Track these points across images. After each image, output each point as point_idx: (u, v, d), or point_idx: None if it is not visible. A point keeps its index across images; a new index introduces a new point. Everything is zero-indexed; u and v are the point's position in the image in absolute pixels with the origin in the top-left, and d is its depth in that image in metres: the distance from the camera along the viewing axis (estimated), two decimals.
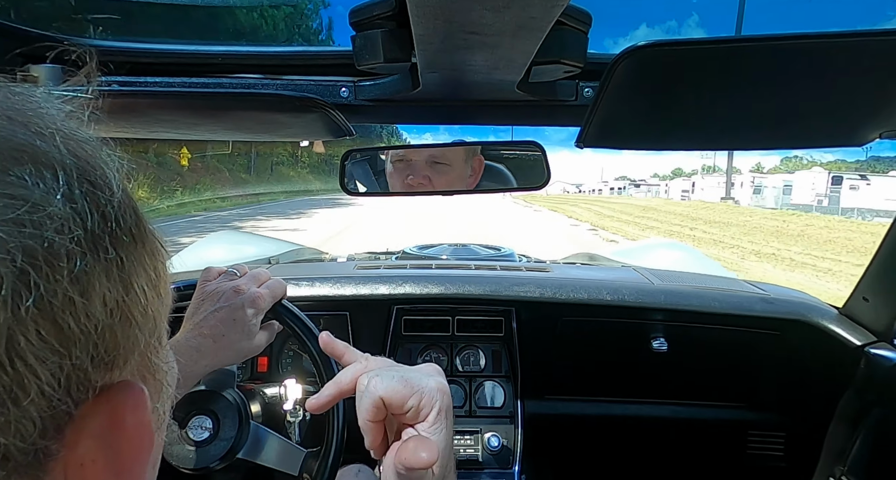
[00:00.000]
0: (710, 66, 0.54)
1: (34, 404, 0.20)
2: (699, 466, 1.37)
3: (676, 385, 1.26)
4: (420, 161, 1.05)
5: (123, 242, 0.23)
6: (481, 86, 0.70)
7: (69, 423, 0.21)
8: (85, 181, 0.22)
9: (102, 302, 0.22)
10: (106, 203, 0.23)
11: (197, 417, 0.79)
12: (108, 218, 0.23)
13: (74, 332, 0.20)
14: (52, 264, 0.20)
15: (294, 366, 1.23)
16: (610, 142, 0.75)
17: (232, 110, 0.76)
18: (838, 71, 0.54)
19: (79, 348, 0.21)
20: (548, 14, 0.45)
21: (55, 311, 0.20)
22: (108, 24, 2.33)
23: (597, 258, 1.99)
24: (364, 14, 0.57)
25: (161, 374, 0.28)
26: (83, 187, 0.22)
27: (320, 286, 1.22)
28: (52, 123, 0.23)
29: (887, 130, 0.67)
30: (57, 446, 0.21)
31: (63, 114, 0.25)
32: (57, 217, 0.20)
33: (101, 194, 0.23)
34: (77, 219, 0.21)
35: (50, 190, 0.21)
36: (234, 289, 0.73)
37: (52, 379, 0.20)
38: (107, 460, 0.23)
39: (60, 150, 0.22)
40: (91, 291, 0.21)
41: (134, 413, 0.24)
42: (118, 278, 0.23)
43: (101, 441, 0.22)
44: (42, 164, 0.21)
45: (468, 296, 1.23)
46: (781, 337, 1.19)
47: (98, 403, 0.22)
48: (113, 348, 0.22)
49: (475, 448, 1.19)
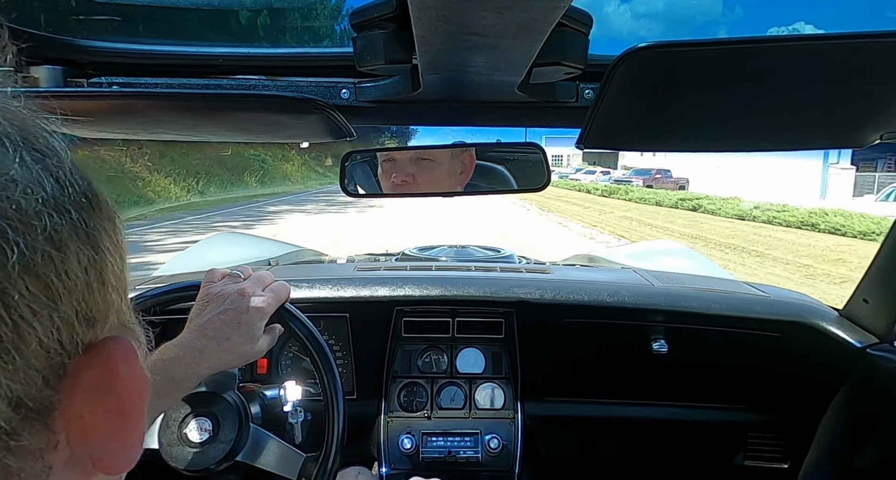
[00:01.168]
0: (710, 68, 0.54)
1: (35, 354, 0.21)
2: (699, 468, 1.36)
3: (677, 386, 1.26)
4: (404, 159, 1.05)
5: (82, 205, 0.24)
6: (482, 88, 0.70)
7: (65, 376, 0.23)
8: (32, 149, 0.23)
9: (77, 262, 0.22)
10: (57, 169, 0.23)
11: (197, 418, 0.79)
12: (63, 183, 0.23)
13: (58, 287, 0.21)
14: (26, 223, 0.20)
15: (294, 368, 1.23)
16: (610, 143, 0.75)
17: (232, 111, 0.76)
18: (839, 72, 0.53)
19: (64, 303, 0.22)
20: (549, 15, 0.45)
21: (37, 268, 0.21)
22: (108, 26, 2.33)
23: (597, 259, 1.99)
24: (365, 15, 0.57)
25: (135, 334, 0.29)
26: (32, 155, 0.22)
27: (320, 288, 1.22)
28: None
29: (888, 132, 0.67)
30: (58, 397, 0.22)
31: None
32: (19, 180, 0.21)
33: (49, 161, 0.23)
34: (36, 183, 0.22)
35: (4, 155, 0.21)
36: (238, 292, 0.73)
37: (46, 330, 0.21)
38: (105, 409, 0.24)
39: (1, 122, 0.22)
40: (65, 249, 0.22)
41: (126, 363, 0.25)
42: (87, 238, 0.23)
43: (97, 393, 0.24)
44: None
45: (468, 298, 1.23)
46: (782, 339, 1.19)
47: (89, 357, 0.23)
48: (93, 305, 0.24)
49: (475, 450, 1.19)
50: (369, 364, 1.23)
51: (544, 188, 1.01)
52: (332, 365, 0.79)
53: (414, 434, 1.19)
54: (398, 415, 1.22)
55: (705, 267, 2.06)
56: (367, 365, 1.23)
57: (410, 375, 1.25)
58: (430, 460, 1.18)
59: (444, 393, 1.24)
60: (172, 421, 0.78)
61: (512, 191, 1.09)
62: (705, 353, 1.23)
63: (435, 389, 1.24)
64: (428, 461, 1.18)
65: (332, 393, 0.78)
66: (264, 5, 2.20)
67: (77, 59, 0.72)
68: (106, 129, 0.82)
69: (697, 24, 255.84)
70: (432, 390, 1.24)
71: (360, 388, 1.23)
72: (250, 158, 25.38)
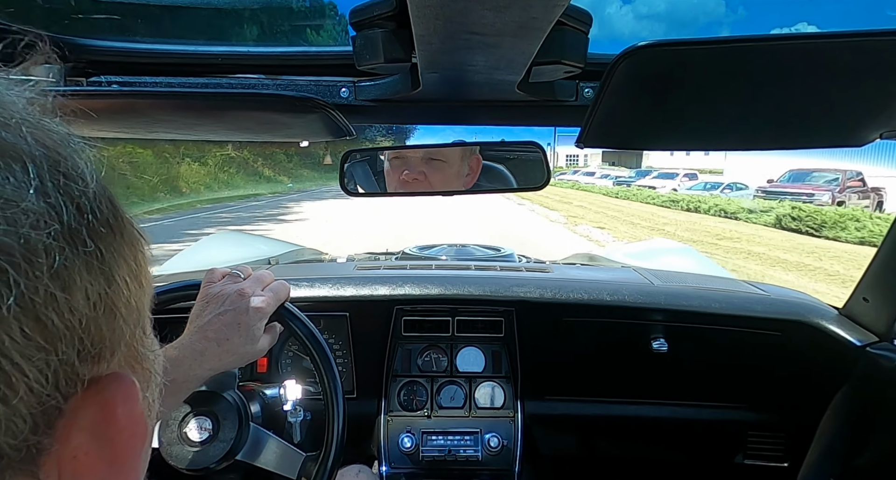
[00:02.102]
0: (710, 66, 0.54)
1: (23, 402, 0.20)
2: (699, 466, 1.36)
3: (677, 385, 1.26)
4: (416, 157, 1.05)
5: (101, 234, 0.23)
6: (482, 87, 0.70)
7: (60, 417, 0.21)
8: (56, 172, 0.22)
9: (85, 296, 0.21)
10: (80, 194, 0.22)
11: (197, 418, 0.79)
12: (84, 210, 0.22)
13: (59, 328, 0.20)
14: (30, 261, 0.19)
15: (294, 367, 1.23)
16: (610, 142, 0.75)
17: (232, 110, 0.76)
18: (839, 71, 0.53)
19: (64, 343, 0.21)
20: (548, 14, 0.45)
21: (37, 308, 0.20)
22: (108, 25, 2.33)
23: (597, 258, 1.99)
24: (364, 14, 0.57)
25: (148, 363, 0.28)
26: (55, 179, 0.21)
27: (320, 287, 1.22)
28: (15, 112, 0.22)
29: (888, 131, 0.67)
30: (49, 440, 0.21)
31: (24, 101, 0.24)
32: (31, 212, 0.20)
33: (74, 186, 0.22)
34: (52, 213, 0.21)
35: (21, 184, 0.20)
36: (238, 292, 0.73)
37: (40, 375, 0.20)
38: (100, 451, 0.23)
39: (27, 141, 0.21)
40: (73, 286, 0.21)
41: (125, 404, 0.24)
42: (99, 271, 0.22)
43: (93, 434, 0.23)
44: (10, 157, 0.20)
45: (468, 297, 1.23)
46: (782, 338, 1.19)
47: (88, 396, 0.22)
48: (99, 341, 0.22)
49: (475, 449, 1.19)
50: (369, 363, 1.23)
51: (544, 187, 1.01)
52: (331, 364, 0.79)
53: (414, 433, 1.19)
54: (398, 414, 1.22)
55: (705, 266, 2.06)
56: (367, 364, 1.23)
57: (410, 374, 1.25)
58: (430, 459, 1.19)
59: (444, 392, 1.24)
60: (172, 420, 0.79)
61: (512, 189, 1.09)
62: (705, 352, 1.23)
63: (435, 388, 1.24)
64: (428, 460, 1.19)
65: (332, 392, 0.78)
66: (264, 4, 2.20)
67: (77, 59, 0.72)
68: (105, 129, 0.82)
69: (700, 25, 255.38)
70: (432, 389, 1.24)
71: (360, 387, 1.23)
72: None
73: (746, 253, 8.82)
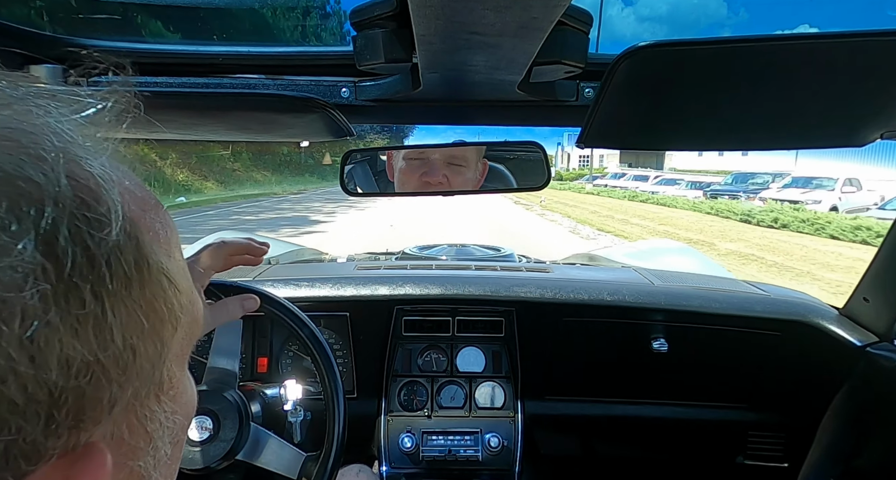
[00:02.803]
0: (710, 67, 0.54)
1: None
2: (699, 466, 1.36)
3: (677, 385, 1.26)
4: (439, 160, 1.04)
5: (111, 290, 0.20)
6: (482, 87, 0.70)
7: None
8: (78, 217, 0.19)
9: (65, 364, 0.18)
10: (99, 243, 0.20)
11: (197, 417, 0.79)
12: (98, 262, 0.20)
13: (16, 402, 0.17)
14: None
15: (294, 367, 1.23)
16: (611, 142, 0.75)
17: (232, 110, 0.76)
18: (839, 71, 0.53)
19: (25, 419, 0.18)
20: (549, 14, 0.45)
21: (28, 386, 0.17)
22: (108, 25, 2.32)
23: (597, 258, 1.99)
24: (365, 14, 0.57)
25: (154, 426, 0.25)
26: (73, 226, 0.19)
27: (320, 286, 1.22)
28: (58, 142, 0.20)
29: (888, 131, 0.67)
30: None
31: (76, 127, 0.22)
32: (18, 269, 0.17)
33: (94, 234, 0.20)
34: (48, 269, 0.18)
35: (22, 234, 0.18)
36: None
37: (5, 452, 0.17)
38: None
39: (59, 182, 0.19)
40: (47, 353, 0.18)
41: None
42: (93, 333, 0.19)
43: None
44: (24, 200, 0.18)
45: (468, 297, 1.23)
46: (782, 338, 1.19)
47: (53, 469, 0.19)
48: (77, 411, 0.19)
49: (475, 449, 1.19)
50: (369, 363, 1.23)
51: (544, 186, 1.01)
52: (332, 363, 0.79)
53: (414, 433, 1.19)
54: (398, 414, 1.22)
55: (705, 266, 2.06)
56: (368, 363, 1.23)
57: (411, 374, 1.25)
58: (430, 459, 1.19)
59: (444, 392, 1.24)
60: None
61: (512, 189, 1.08)
62: (705, 352, 1.23)
63: (435, 388, 1.24)
64: (428, 460, 1.19)
65: (333, 391, 0.78)
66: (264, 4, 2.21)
67: (77, 58, 0.72)
68: None
69: (702, 27, 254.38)
70: (432, 389, 1.24)
71: (361, 387, 1.23)
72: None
73: None
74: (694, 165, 30.96)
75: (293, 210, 15.00)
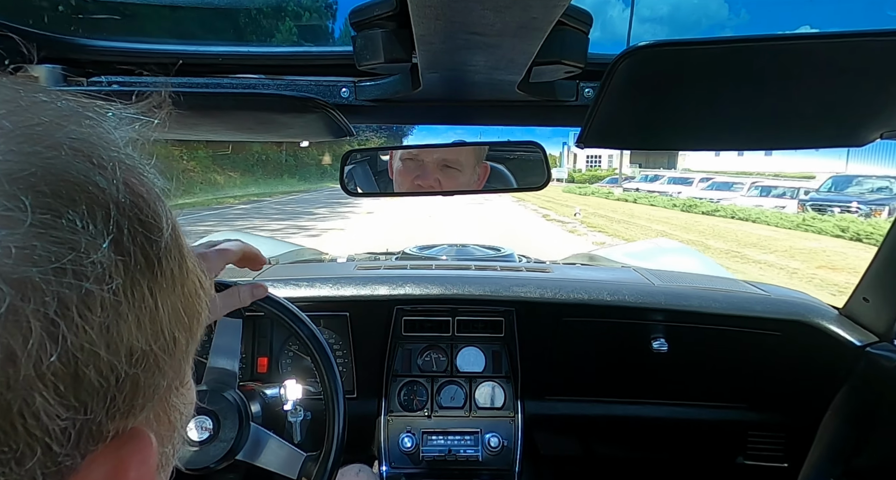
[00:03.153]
0: (710, 66, 0.54)
1: (39, 463, 0.18)
2: (699, 466, 1.37)
3: (677, 385, 1.26)
4: (431, 163, 1.03)
5: (162, 287, 0.22)
6: (482, 87, 0.70)
7: (70, 475, 0.20)
8: (136, 221, 0.21)
9: (129, 352, 0.20)
10: (152, 244, 0.22)
11: (197, 417, 0.79)
12: (152, 262, 0.22)
13: (94, 385, 0.19)
14: (84, 316, 0.19)
15: (294, 367, 1.23)
16: (610, 142, 0.75)
17: (232, 110, 0.76)
18: (839, 71, 0.53)
19: (96, 401, 0.19)
20: (549, 14, 0.45)
21: (78, 365, 0.18)
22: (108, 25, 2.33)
23: (597, 258, 1.99)
24: (365, 14, 0.57)
25: (175, 415, 0.27)
26: (133, 228, 0.21)
27: (320, 286, 1.22)
28: (114, 152, 0.22)
29: (888, 130, 0.67)
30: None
31: (125, 139, 0.23)
32: (100, 264, 0.19)
33: (149, 236, 0.22)
34: (120, 266, 0.20)
35: (99, 234, 0.20)
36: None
37: (62, 435, 0.19)
38: None
39: (118, 188, 0.21)
40: (118, 342, 0.20)
41: (139, 467, 0.22)
42: (149, 326, 0.21)
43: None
44: (97, 204, 0.20)
45: (468, 297, 1.23)
46: (782, 338, 1.19)
47: (105, 452, 0.21)
48: (132, 397, 0.21)
49: (475, 449, 1.19)
50: (369, 363, 1.23)
51: (544, 186, 1.01)
52: (331, 362, 0.79)
53: (414, 433, 1.19)
54: (398, 414, 1.22)
55: (705, 266, 2.06)
56: (368, 363, 1.23)
57: (411, 374, 1.25)
58: (430, 459, 1.19)
59: (444, 392, 1.24)
60: None
61: (512, 189, 1.08)
62: (705, 352, 1.23)
63: (435, 388, 1.24)
64: (428, 459, 1.19)
65: (333, 391, 0.78)
66: (264, 4, 2.21)
67: (77, 59, 0.72)
68: None
69: (703, 28, 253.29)
70: (432, 389, 1.24)
71: (361, 387, 1.23)
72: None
73: None
74: (710, 166, 27.91)
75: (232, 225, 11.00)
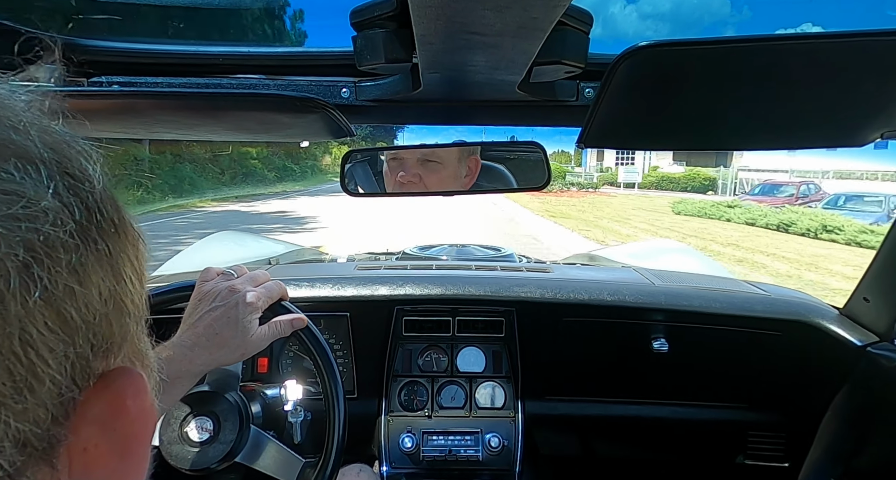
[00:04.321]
0: (710, 67, 0.54)
1: (47, 392, 0.20)
2: (700, 467, 1.36)
3: (677, 385, 1.26)
4: (411, 159, 1.05)
5: (108, 233, 0.24)
6: (482, 87, 0.70)
7: (74, 410, 0.22)
8: (65, 174, 0.22)
9: (98, 292, 0.22)
10: (88, 195, 0.23)
11: (198, 418, 0.79)
12: (92, 209, 0.23)
13: (76, 322, 0.21)
14: (51, 256, 0.20)
15: (294, 367, 1.23)
16: (611, 142, 0.75)
17: (232, 111, 0.76)
18: (839, 71, 0.53)
19: (81, 337, 0.21)
20: (549, 14, 0.45)
21: (58, 302, 0.20)
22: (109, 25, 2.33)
23: (597, 258, 1.99)
24: (365, 14, 0.57)
25: (148, 360, 0.28)
26: (65, 180, 0.22)
27: (321, 287, 1.22)
28: (22, 116, 0.23)
29: (888, 131, 0.67)
30: (64, 432, 0.22)
31: (25, 105, 0.24)
32: (49, 210, 0.21)
33: (82, 186, 0.23)
34: (67, 212, 0.21)
35: (39, 182, 0.21)
36: (229, 289, 0.73)
37: (61, 367, 0.21)
38: (110, 444, 0.23)
39: (36, 144, 0.22)
40: (87, 281, 0.22)
41: (135, 398, 0.24)
42: (109, 268, 0.23)
43: (103, 426, 0.23)
44: (24, 158, 0.21)
45: (469, 297, 1.23)
46: (782, 338, 1.19)
47: (99, 389, 0.23)
48: (109, 336, 0.23)
49: (475, 449, 1.19)
50: (370, 363, 1.23)
51: (545, 187, 1.01)
52: (332, 364, 0.79)
53: (415, 433, 1.19)
54: (399, 414, 1.22)
55: (706, 266, 2.06)
56: (368, 364, 1.23)
57: (411, 374, 1.25)
58: (430, 459, 1.19)
59: (444, 392, 1.24)
60: (174, 420, 0.79)
61: (512, 189, 1.08)
62: (706, 352, 1.23)
63: (435, 388, 1.24)
64: (428, 460, 1.19)
65: (333, 392, 0.78)
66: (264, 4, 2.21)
67: (77, 59, 0.72)
68: (106, 129, 0.82)
69: (705, 25, 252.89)
70: (433, 389, 1.24)
71: (361, 387, 1.23)
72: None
73: None
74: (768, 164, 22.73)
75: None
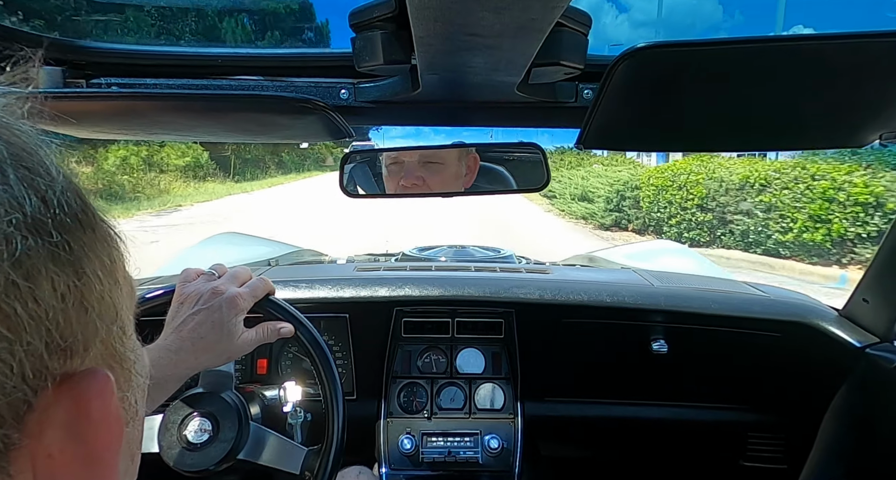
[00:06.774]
0: (709, 68, 0.54)
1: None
2: (699, 468, 1.36)
3: (676, 386, 1.26)
4: (412, 162, 1.04)
5: (69, 227, 0.23)
6: (481, 88, 0.70)
7: (28, 412, 0.21)
8: (20, 167, 0.22)
9: (51, 287, 0.21)
10: (46, 188, 0.22)
11: (196, 420, 0.79)
12: (50, 202, 0.22)
13: (22, 317, 0.20)
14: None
15: (293, 368, 1.23)
16: (610, 143, 0.75)
17: (231, 112, 0.76)
18: (838, 72, 0.53)
19: (29, 333, 0.20)
20: (548, 16, 0.45)
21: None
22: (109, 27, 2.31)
23: (597, 260, 1.99)
24: (364, 15, 0.57)
25: (128, 363, 0.27)
26: (18, 173, 0.21)
27: (320, 288, 1.22)
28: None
29: (888, 132, 0.67)
30: (18, 435, 0.21)
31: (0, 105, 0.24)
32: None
33: (39, 179, 0.22)
34: (14, 203, 0.21)
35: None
36: (212, 291, 0.72)
37: (3, 365, 0.20)
38: (76, 449, 0.22)
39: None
40: (37, 275, 0.21)
41: (100, 400, 0.23)
42: (67, 262, 0.22)
43: (68, 431, 0.22)
44: None
45: (468, 298, 1.23)
46: (782, 339, 1.19)
47: (60, 391, 0.22)
48: (70, 334, 0.22)
49: (475, 450, 1.19)
50: (369, 364, 1.23)
51: (544, 187, 1.01)
52: (331, 365, 0.79)
53: (414, 435, 1.19)
54: (398, 416, 1.22)
55: (705, 268, 2.06)
56: (367, 365, 1.23)
57: (410, 375, 1.24)
58: (430, 460, 1.18)
59: (443, 394, 1.24)
60: (171, 424, 0.78)
61: (512, 191, 1.09)
62: (705, 353, 1.23)
63: (435, 389, 1.24)
64: (428, 461, 1.18)
65: (332, 393, 0.78)
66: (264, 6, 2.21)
67: (77, 60, 0.72)
68: (105, 130, 0.82)
69: (697, 31, 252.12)
70: (432, 390, 1.24)
71: (360, 389, 1.23)
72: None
73: None
74: None
75: None
